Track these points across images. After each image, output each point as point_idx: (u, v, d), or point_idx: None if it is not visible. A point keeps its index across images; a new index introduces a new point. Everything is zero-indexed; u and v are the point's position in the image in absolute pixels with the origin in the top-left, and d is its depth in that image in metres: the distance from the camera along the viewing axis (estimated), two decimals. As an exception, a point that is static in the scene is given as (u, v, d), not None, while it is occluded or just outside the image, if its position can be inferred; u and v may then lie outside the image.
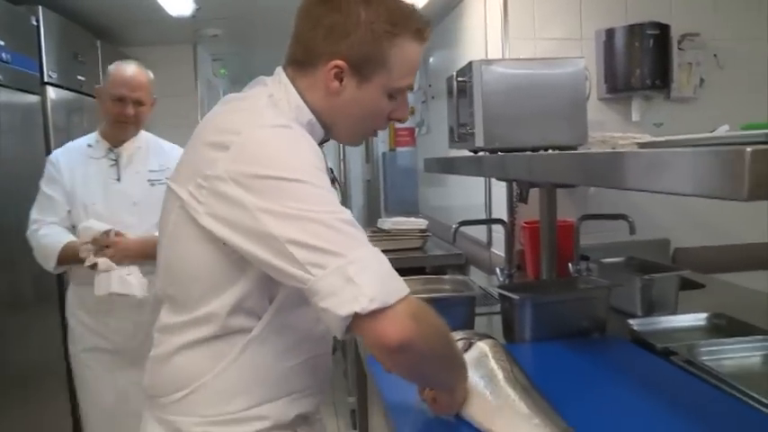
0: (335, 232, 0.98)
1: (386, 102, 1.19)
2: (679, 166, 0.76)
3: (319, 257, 0.97)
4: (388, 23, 1.14)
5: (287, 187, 1.00)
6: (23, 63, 2.66)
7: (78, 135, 3.15)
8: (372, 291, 0.95)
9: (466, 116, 2.09)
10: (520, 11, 2.71)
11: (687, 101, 2.76)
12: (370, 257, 0.98)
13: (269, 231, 0.99)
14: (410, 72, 1.19)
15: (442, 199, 4.24)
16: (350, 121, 1.21)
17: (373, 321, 0.96)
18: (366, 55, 1.14)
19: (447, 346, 1.13)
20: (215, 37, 4.18)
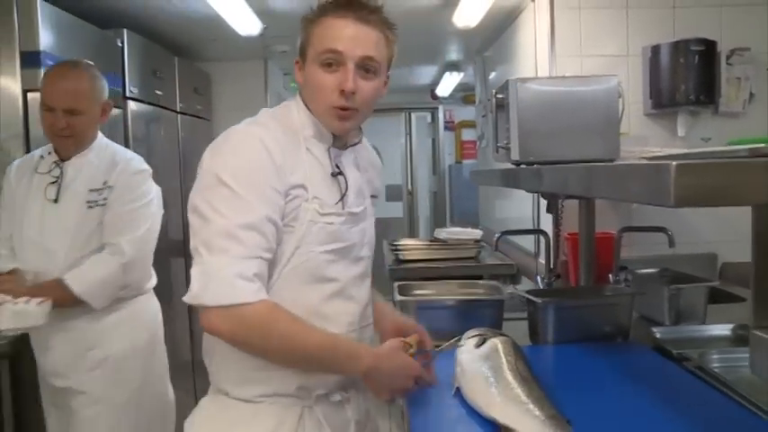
0: (210, 237, 1.22)
1: (320, 73, 1.34)
2: (629, 178, 0.87)
3: (194, 252, 1.25)
4: (311, 13, 1.37)
5: (213, 186, 1.25)
6: (109, 80, 2.90)
7: (156, 144, 3.45)
8: (195, 290, 1.22)
9: (503, 131, 2.20)
10: (567, 28, 2.80)
11: (736, 115, 2.78)
12: (214, 265, 1.21)
13: (190, 216, 1.28)
14: (328, 39, 1.32)
15: (497, 210, 4.33)
16: (314, 105, 1.38)
17: (199, 311, 1.24)
18: (302, 41, 1.38)
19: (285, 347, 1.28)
20: (284, 53, 4.41)
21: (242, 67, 4.62)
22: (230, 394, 1.36)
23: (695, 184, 0.76)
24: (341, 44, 1.31)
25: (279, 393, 1.34)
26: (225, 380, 1.38)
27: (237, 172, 1.25)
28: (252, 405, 1.34)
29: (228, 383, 1.37)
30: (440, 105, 7.50)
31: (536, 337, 1.81)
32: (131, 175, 2.21)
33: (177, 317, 3.71)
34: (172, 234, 3.67)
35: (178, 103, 3.80)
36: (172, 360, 3.55)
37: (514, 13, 3.41)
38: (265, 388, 1.34)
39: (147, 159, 3.28)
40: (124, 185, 2.17)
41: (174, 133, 3.77)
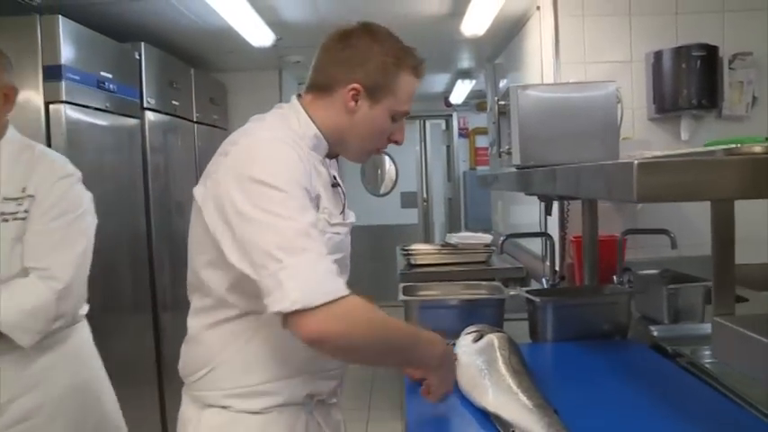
0: (283, 239, 1.16)
1: (389, 123, 1.42)
2: (599, 177, 0.94)
3: (264, 260, 1.15)
4: (395, 57, 1.39)
5: (262, 191, 1.19)
6: (126, 92, 3.04)
7: (172, 153, 3.55)
8: (295, 294, 1.12)
9: (506, 137, 2.27)
10: (571, 36, 2.85)
11: (740, 119, 2.81)
12: (304, 265, 1.15)
13: (234, 229, 1.19)
14: (409, 99, 1.43)
15: (508, 215, 4.39)
16: (359, 138, 1.42)
17: (297, 319, 1.13)
18: (378, 81, 1.38)
19: (381, 338, 1.25)
20: (297, 63, 4.51)
21: (257, 77, 4.74)
22: (233, 408, 1.33)
23: (656, 181, 0.83)
24: (411, 107, 1.45)
25: (288, 403, 1.34)
26: (227, 396, 1.33)
27: (284, 177, 1.22)
28: (261, 416, 1.33)
29: (232, 399, 1.33)
30: (454, 113, 7.58)
31: (535, 335, 1.87)
32: (57, 181, 1.80)
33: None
34: (189, 241, 3.76)
35: (194, 113, 3.91)
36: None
37: (522, 21, 3.47)
38: (276, 399, 1.33)
39: (164, 168, 3.43)
40: (49, 194, 1.76)
41: (190, 143, 3.87)
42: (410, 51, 1.42)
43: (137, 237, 3.14)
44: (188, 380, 1.39)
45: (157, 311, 3.27)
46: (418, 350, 1.33)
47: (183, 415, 1.41)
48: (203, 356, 1.35)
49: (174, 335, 3.41)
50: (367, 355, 1.28)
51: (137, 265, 3.14)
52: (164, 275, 3.36)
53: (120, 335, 2.92)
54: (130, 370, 3.00)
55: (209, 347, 1.34)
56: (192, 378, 1.37)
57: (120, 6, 3.04)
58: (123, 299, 3.03)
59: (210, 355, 1.34)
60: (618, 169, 0.87)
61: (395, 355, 1.31)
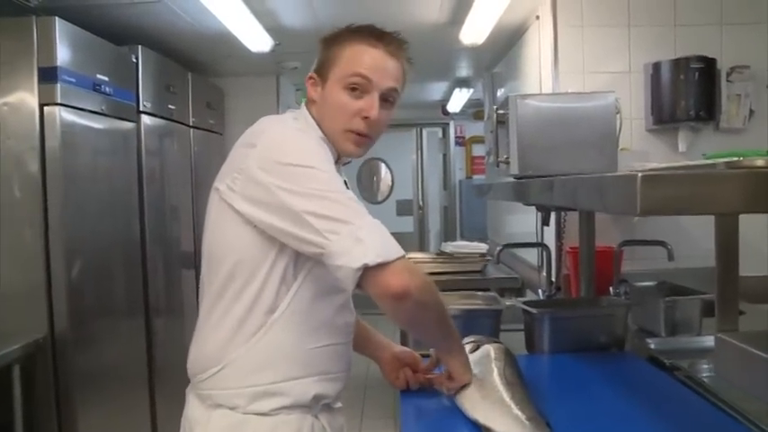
0: (344, 206, 1.22)
1: (343, 95, 1.37)
2: (600, 189, 0.92)
3: (333, 225, 1.20)
4: (334, 35, 1.42)
5: (302, 172, 1.25)
6: (123, 95, 3.02)
7: (168, 157, 3.53)
8: (377, 248, 1.18)
9: (504, 146, 2.26)
10: (571, 46, 2.85)
11: (737, 132, 2.81)
12: (374, 224, 1.22)
13: (288, 206, 1.23)
14: (357, 63, 1.37)
15: (504, 224, 4.38)
16: (327, 123, 1.40)
17: (379, 273, 1.19)
18: (322, 60, 1.41)
19: (438, 298, 1.31)
20: (295, 69, 4.50)
21: (254, 82, 4.73)
22: (242, 409, 1.33)
23: (660, 194, 0.81)
24: (371, 72, 1.36)
25: (296, 405, 1.35)
26: (234, 396, 1.33)
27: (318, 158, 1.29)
28: (269, 418, 1.33)
29: (241, 399, 1.33)
30: (451, 121, 7.58)
31: (532, 347, 1.86)
32: None
33: (187, 330, 3.77)
34: (184, 246, 3.75)
35: (191, 117, 3.89)
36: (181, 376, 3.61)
37: (521, 31, 3.47)
38: (284, 400, 1.34)
39: (159, 173, 3.42)
40: None
41: (186, 147, 3.85)
42: (363, 26, 1.41)
43: (131, 240, 3.12)
44: (196, 378, 1.40)
45: (150, 316, 3.24)
46: (453, 326, 1.38)
47: (189, 416, 1.41)
48: (213, 354, 1.36)
49: (166, 339, 3.39)
50: (430, 317, 1.32)
51: (130, 268, 3.11)
52: (157, 280, 3.34)
53: (113, 339, 2.91)
54: (122, 374, 2.97)
55: (219, 345, 1.35)
56: (202, 376, 1.37)
57: (118, 9, 3.02)
58: (116, 302, 3.00)
59: (221, 353, 1.35)
60: (620, 182, 0.85)
61: (444, 322, 1.35)
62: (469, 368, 1.42)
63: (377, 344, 1.65)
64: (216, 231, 1.38)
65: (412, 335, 1.58)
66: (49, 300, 2.50)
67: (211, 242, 1.39)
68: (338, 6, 3.15)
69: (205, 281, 1.41)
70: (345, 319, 1.46)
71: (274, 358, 1.34)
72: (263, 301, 1.32)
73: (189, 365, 1.43)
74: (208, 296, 1.39)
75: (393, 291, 1.19)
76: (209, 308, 1.38)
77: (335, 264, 1.20)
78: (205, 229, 1.43)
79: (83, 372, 2.60)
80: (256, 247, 1.31)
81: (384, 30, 1.41)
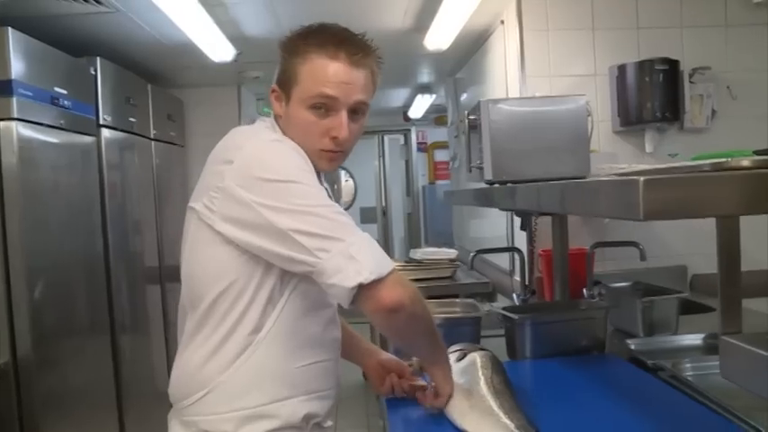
0: (332, 221, 1.18)
1: (308, 115, 1.30)
2: (600, 193, 0.91)
3: (323, 242, 1.15)
4: (290, 47, 1.33)
5: (285, 187, 1.20)
6: (82, 108, 2.94)
7: (129, 171, 3.45)
8: (371, 265, 1.15)
9: (476, 151, 2.25)
10: (536, 50, 2.86)
11: (700, 131, 2.86)
12: (364, 240, 1.18)
13: (273, 224, 1.17)
14: (319, 82, 1.28)
15: (471, 230, 4.38)
16: (298, 141, 1.32)
17: (374, 289, 1.16)
18: (283, 74, 1.33)
19: (427, 308, 1.29)
20: (257, 79, 4.44)
21: (215, 93, 4.65)
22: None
23: (663, 198, 0.80)
24: (334, 90, 1.28)
25: (286, 426, 1.30)
26: (223, 421, 1.28)
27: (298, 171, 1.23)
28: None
29: (229, 424, 1.27)
30: (412, 127, 7.58)
31: (514, 353, 1.84)
32: None
33: (154, 347, 3.69)
34: (148, 261, 3.66)
35: (152, 129, 3.81)
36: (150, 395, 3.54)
37: (484, 36, 3.48)
38: (273, 422, 1.29)
39: (121, 187, 3.33)
40: None
41: (148, 160, 3.77)
42: (321, 32, 1.32)
43: (94, 257, 3.02)
44: (180, 404, 1.33)
45: (116, 334, 3.14)
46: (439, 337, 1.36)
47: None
48: (198, 379, 1.30)
49: (133, 358, 3.30)
50: (421, 329, 1.30)
51: (94, 286, 3.02)
52: (122, 296, 3.24)
53: (78, 360, 2.81)
54: (88, 396, 2.88)
55: (203, 369, 1.29)
56: (186, 402, 1.31)
57: (75, 20, 2.94)
58: (80, 321, 2.90)
59: (205, 377, 1.29)
60: (621, 186, 0.84)
61: (433, 332, 1.34)
62: (451, 380, 1.40)
63: (363, 350, 1.64)
64: (196, 253, 1.32)
65: (402, 346, 1.55)
66: (10, 322, 2.41)
67: (192, 264, 1.34)
68: (302, 14, 3.09)
69: (186, 304, 1.36)
70: (333, 335, 1.42)
71: (261, 379, 1.29)
72: (247, 322, 1.28)
73: (171, 390, 1.36)
74: (191, 319, 1.33)
75: (388, 305, 1.17)
76: (192, 331, 1.32)
77: (328, 282, 1.16)
78: (183, 250, 1.36)
79: (48, 396, 2.50)
80: (240, 267, 1.26)
81: (345, 34, 1.33)
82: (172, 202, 4.14)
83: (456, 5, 2.85)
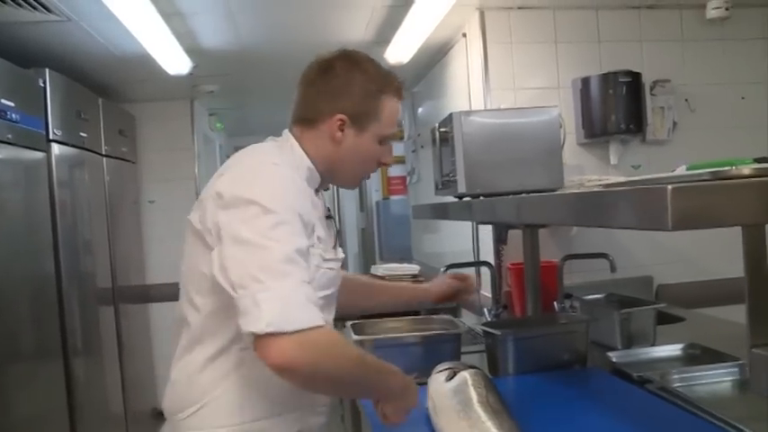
0: (267, 261, 1.15)
1: (377, 147, 1.45)
2: (620, 204, 0.88)
3: (245, 280, 1.14)
4: (377, 83, 1.43)
5: (256, 212, 1.19)
6: (30, 122, 2.79)
7: (80, 189, 3.30)
8: (270, 317, 1.10)
9: (449, 164, 2.21)
10: (500, 62, 2.86)
11: (662, 143, 2.90)
12: (284, 290, 1.14)
13: (222, 246, 1.20)
14: (394, 122, 1.46)
15: (433, 245, 4.35)
16: (349, 166, 1.45)
17: (265, 343, 1.11)
18: (362, 109, 1.41)
19: (347, 372, 1.22)
20: (211, 93, 4.33)
21: (168, 107, 4.50)
22: None
23: (691, 206, 0.77)
24: (396, 128, 1.48)
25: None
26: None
27: (281, 201, 1.23)
28: None
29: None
30: (365, 142, 7.53)
31: (496, 369, 1.80)
32: None
33: (108, 370, 3.53)
34: (101, 282, 3.51)
35: (103, 145, 3.66)
36: (104, 420, 3.37)
37: (445, 49, 3.47)
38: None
39: (72, 205, 3.18)
40: None
41: (99, 177, 3.61)
42: (391, 75, 1.47)
43: (44, 278, 2.87)
44: (175, 417, 1.36)
45: (68, 358, 2.98)
46: (382, 383, 1.30)
47: None
48: (194, 393, 1.32)
49: (87, 382, 3.15)
50: (331, 387, 1.29)
51: (45, 308, 2.86)
52: (74, 319, 3.08)
53: (28, 385, 2.64)
54: (40, 425, 2.72)
55: (200, 383, 1.32)
56: (181, 415, 1.34)
57: (22, 28, 2.79)
58: (31, 347, 2.74)
59: (202, 391, 1.32)
60: (646, 195, 0.81)
61: (358, 388, 1.31)
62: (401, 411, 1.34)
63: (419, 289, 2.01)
64: (192, 265, 1.34)
65: None
66: (-45, 350, 2.25)
67: (188, 276, 1.37)
68: (263, 25, 3.04)
69: (182, 313, 1.37)
70: None
71: (257, 395, 1.30)
72: (239, 337, 1.24)
73: (166, 403, 1.39)
74: (186, 332, 1.36)
75: (275, 363, 1.12)
76: (188, 344, 1.35)
77: (239, 320, 1.15)
78: (183, 261, 1.39)
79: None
80: None
81: (398, 75, 1.50)
82: (124, 221, 3.99)
83: (420, 19, 2.83)
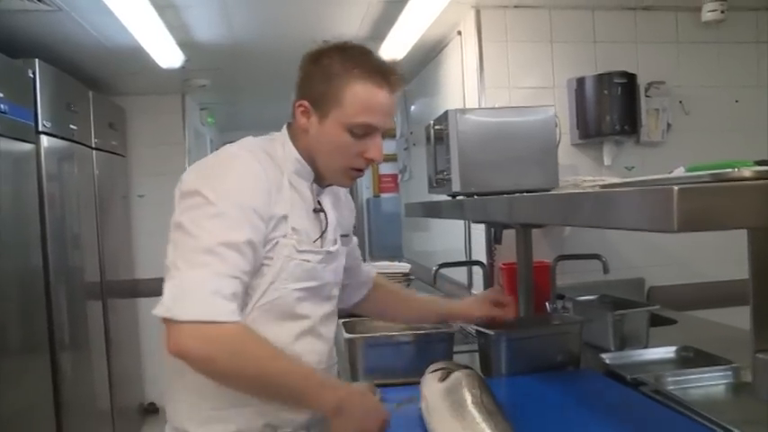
0: (190, 251, 1.17)
1: (347, 137, 1.33)
2: (623, 204, 0.86)
3: (170, 265, 1.18)
4: (341, 66, 1.31)
5: (201, 203, 1.20)
6: (19, 113, 2.75)
7: (70, 182, 3.26)
8: (168, 303, 1.13)
9: (443, 162, 2.20)
10: (495, 61, 2.85)
11: (656, 145, 2.90)
12: (192, 280, 1.15)
13: (171, 231, 1.22)
14: (365, 110, 1.31)
15: (424, 243, 4.34)
16: (323, 157, 1.37)
17: (167, 328, 1.14)
18: (321, 93, 1.32)
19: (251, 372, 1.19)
20: (203, 87, 4.30)
21: (159, 101, 4.47)
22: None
23: (697, 208, 0.76)
24: (377, 119, 1.32)
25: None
26: (185, 419, 1.34)
27: (226, 193, 1.21)
28: None
29: (189, 423, 1.33)
30: (357, 139, 7.50)
31: (489, 370, 1.79)
32: None
33: (95, 365, 3.49)
34: (89, 276, 3.47)
35: (93, 138, 3.62)
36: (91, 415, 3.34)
37: (439, 46, 3.45)
38: (228, 426, 1.31)
39: (60, 198, 3.14)
40: None
41: (89, 170, 3.58)
42: (366, 60, 1.33)
43: (32, 272, 2.83)
44: (167, 409, 1.40)
45: (56, 353, 2.94)
46: (308, 393, 1.23)
47: None
48: (170, 382, 1.36)
49: (74, 377, 3.11)
50: (238, 385, 1.23)
51: (32, 302, 2.82)
52: (62, 312, 3.05)
53: (15, 382, 2.61)
54: (26, 420, 2.68)
55: (171, 373, 1.35)
56: (166, 404, 1.40)
57: (12, 17, 2.75)
58: (18, 341, 2.71)
59: (173, 376, 1.35)
60: (651, 196, 0.79)
61: (272, 392, 1.24)
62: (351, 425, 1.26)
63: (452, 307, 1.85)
64: None
65: None
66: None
67: None
68: (257, 20, 3.01)
69: None
70: (311, 347, 1.39)
71: (215, 385, 1.24)
72: None
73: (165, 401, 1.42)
74: None
75: (169, 348, 1.14)
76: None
77: None
78: None
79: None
80: None
81: (389, 65, 1.35)
82: (113, 215, 3.95)
83: (415, 15, 2.81)
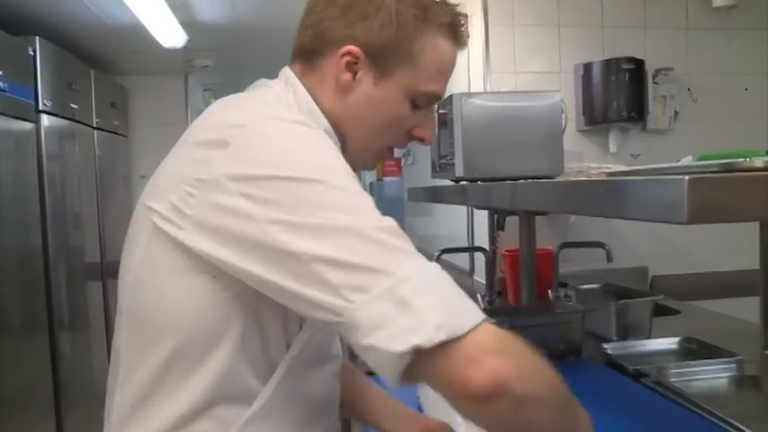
0: (376, 245, 0.75)
1: (407, 109, 0.97)
2: (630, 194, 0.84)
3: (359, 278, 0.73)
4: (417, 7, 0.94)
5: (308, 191, 0.77)
6: (19, 92, 2.73)
7: (70, 161, 3.24)
8: (437, 316, 0.71)
9: (447, 147, 2.17)
10: (501, 45, 2.81)
11: (663, 132, 2.86)
12: (426, 273, 0.76)
13: (285, 248, 0.75)
14: (440, 75, 0.98)
15: (426, 228, 4.32)
16: (363, 130, 0.98)
17: (446, 359, 0.71)
18: (387, 42, 0.93)
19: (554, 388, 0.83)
20: (206, 67, 4.27)
21: (161, 81, 4.45)
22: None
23: (709, 198, 0.73)
24: (443, 87, 1.01)
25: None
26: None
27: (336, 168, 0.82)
28: None
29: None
30: (361, 123, 7.47)
31: (490, 358, 1.76)
32: None
33: (95, 347, 3.49)
34: (89, 257, 3.46)
35: (94, 117, 3.60)
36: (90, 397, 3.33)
37: (445, 30, 3.40)
38: None
39: (61, 178, 3.12)
40: None
41: (90, 150, 3.56)
42: (441, 5, 0.97)
43: (31, 251, 2.82)
44: None
45: (54, 333, 2.94)
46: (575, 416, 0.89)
47: None
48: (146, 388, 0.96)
49: (72, 358, 3.12)
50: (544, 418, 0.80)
51: (32, 282, 2.82)
52: (61, 293, 3.05)
53: (13, 361, 2.60)
54: (25, 400, 2.68)
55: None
56: None
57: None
58: (16, 321, 2.70)
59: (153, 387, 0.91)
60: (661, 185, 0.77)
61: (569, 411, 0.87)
62: None
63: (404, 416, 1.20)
64: (149, 278, 0.86)
65: None
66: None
67: (139, 295, 0.88)
68: (260, 0, 2.97)
69: (127, 354, 0.89)
70: (335, 393, 1.05)
71: None
72: (228, 390, 0.85)
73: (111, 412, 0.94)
74: (129, 381, 0.88)
75: (475, 389, 0.71)
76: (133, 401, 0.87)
77: (362, 343, 0.72)
78: (128, 269, 0.90)
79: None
80: (219, 308, 0.83)
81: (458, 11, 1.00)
82: (114, 195, 3.93)
83: (421, -3, 2.77)
